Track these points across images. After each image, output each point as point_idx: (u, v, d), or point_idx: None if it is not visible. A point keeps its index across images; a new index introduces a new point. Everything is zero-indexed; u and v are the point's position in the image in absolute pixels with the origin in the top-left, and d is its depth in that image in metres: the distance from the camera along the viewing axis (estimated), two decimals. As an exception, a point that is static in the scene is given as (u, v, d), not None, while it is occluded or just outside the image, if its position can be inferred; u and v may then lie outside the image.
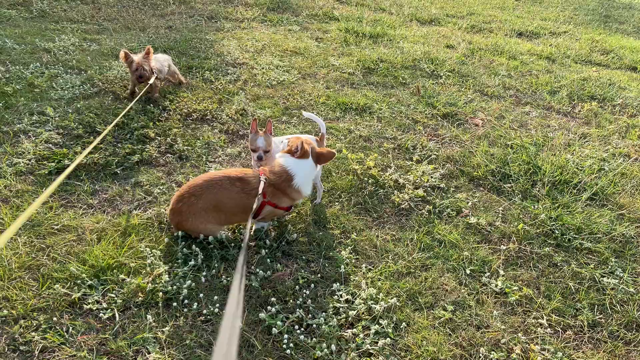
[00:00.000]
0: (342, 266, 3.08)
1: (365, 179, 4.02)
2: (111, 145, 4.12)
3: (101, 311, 2.63)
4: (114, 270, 2.86)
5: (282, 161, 3.14)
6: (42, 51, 5.89)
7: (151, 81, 4.66)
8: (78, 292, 2.70)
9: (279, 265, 3.06)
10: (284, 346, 2.53)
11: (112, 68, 5.53)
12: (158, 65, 4.90)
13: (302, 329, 2.64)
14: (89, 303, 2.66)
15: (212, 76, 5.69)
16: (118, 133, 4.32)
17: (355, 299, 2.87)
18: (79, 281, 2.76)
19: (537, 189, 4.11)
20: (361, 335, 2.64)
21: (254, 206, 2.84)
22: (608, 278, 3.23)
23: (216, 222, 3.11)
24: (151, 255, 2.97)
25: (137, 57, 4.63)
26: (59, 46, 6.05)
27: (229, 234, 3.27)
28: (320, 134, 3.66)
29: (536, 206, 3.88)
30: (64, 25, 6.99)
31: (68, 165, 3.74)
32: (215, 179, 3.06)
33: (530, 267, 3.31)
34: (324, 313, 2.75)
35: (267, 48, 6.86)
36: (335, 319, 2.71)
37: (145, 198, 3.58)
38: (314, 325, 2.67)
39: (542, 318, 2.90)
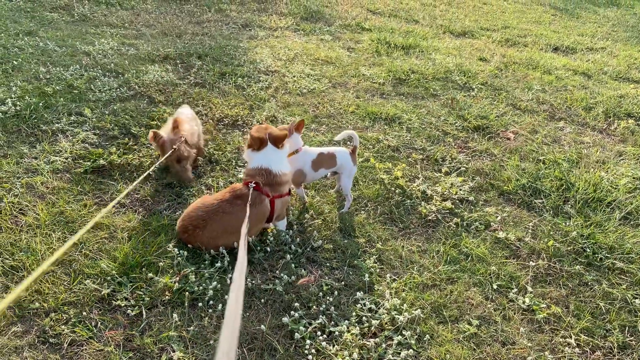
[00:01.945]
0: (366, 275, 3.07)
1: (393, 188, 4.01)
2: (144, 146, 4.22)
3: (129, 308, 2.69)
4: (143, 269, 2.92)
5: (254, 163, 3.16)
6: (82, 54, 6.10)
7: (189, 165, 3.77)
8: (108, 289, 2.77)
9: (303, 270, 3.07)
10: (306, 352, 2.53)
11: (148, 72, 5.67)
12: (189, 128, 3.82)
13: (325, 336, 2.64)
14: (117, 299, 2.72)
15: (245, 83, 5.78)
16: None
17: (379, 308, 2.85)
18: (109, 278, 2.84)
19: (569, 205, 4.02)
20: (383, 345, 2.62)
21: (246, 214, 2.61)
22: (641, 300, 3.13)
23: (230, 243, 3.10)
24: (179, 255, 3.02)
25: (165, 135, 3.61)
26: (98, 50, 6.25)
27: (255, 237, 3.29)
28: (352, 146, 3.67)
29: (568, 223, 3.79)
30: (104, 30, 7.23)
31: (103, 165, 3.87)
32: (213, 207, 3.04)
33: (559, 285, 3.23)
34: (346, 321, 2.74)
35: (299, 57, 6.93)
36: (357, 328, 2.70)
37: (175, 199, 3.65)
38: (337, 333, 2.67)
39: (571, 337, 2.82)
